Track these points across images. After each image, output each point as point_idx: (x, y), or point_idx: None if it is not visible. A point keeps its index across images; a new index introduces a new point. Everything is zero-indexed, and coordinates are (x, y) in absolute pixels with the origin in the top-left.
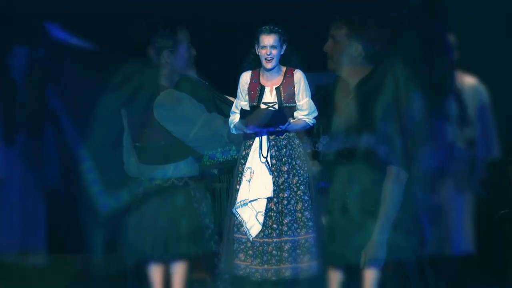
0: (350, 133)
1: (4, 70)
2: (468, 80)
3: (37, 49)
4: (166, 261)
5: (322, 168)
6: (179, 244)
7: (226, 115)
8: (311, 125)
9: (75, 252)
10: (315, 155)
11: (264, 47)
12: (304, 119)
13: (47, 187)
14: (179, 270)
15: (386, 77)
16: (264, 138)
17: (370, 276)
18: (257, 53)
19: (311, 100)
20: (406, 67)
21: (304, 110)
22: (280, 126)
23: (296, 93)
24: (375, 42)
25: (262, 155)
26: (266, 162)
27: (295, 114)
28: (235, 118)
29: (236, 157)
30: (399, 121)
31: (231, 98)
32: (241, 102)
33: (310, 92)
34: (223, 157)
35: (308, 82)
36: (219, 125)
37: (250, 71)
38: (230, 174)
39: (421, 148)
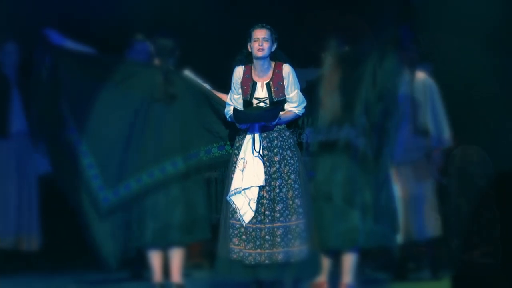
0: (333, 126)
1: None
2: (418, 75)
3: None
4: (164, 248)
5: (306, 158)
6: (174, 232)
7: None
8: (300, 114)
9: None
10: (299, 146)
11: (256, 39)
12: (293, 111)
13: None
14: (176, 256)
15: (365, 74)
16: (257, 134)
17: (348, 260)
18: (249, 49)
19: (299, 92)
20: (381, 65)
21: (294, 102)
22: (271, 122)
23: (285, 87)
24: (357, 40)
25: (255, 149)
26: (259, 156)
27: (285, 106)
28: (230, 109)
29: (230, 151)
30: (375, 115)
31: (224, 96)
32: (235, 95)
33: (298, 84)
34: (219, 152)
35: (299, 78)
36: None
37: (243, 66)
38: (225, 165)
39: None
